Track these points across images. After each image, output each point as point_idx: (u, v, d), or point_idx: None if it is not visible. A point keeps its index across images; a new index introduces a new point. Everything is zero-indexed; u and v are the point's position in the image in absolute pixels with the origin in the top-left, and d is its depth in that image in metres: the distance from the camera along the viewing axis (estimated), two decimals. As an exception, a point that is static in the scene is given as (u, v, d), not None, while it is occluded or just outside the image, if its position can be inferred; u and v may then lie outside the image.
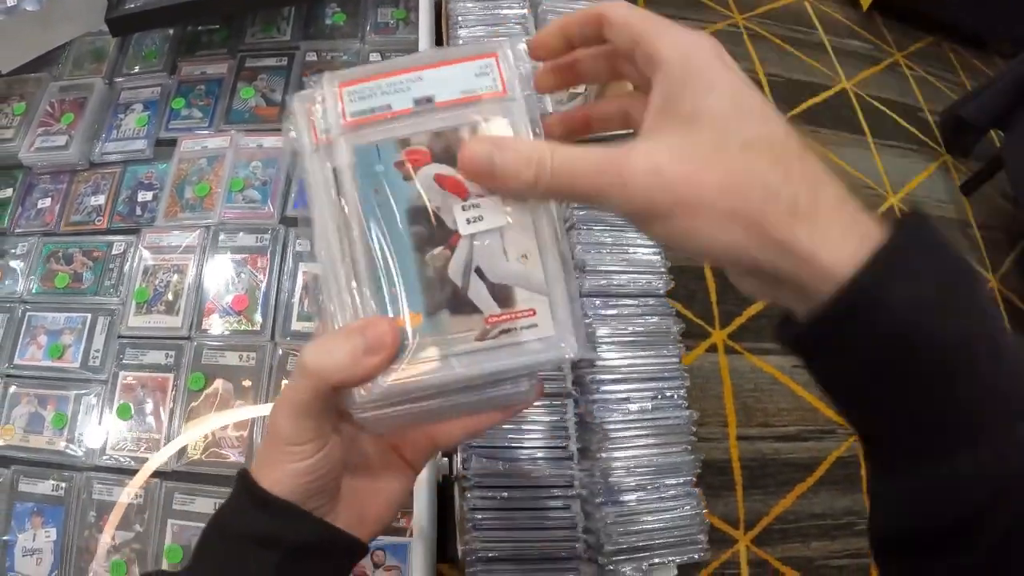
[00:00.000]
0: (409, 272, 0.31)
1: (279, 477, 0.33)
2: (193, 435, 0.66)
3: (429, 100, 0.33)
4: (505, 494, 0.59)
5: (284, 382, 0.69)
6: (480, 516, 0.58)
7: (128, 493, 0.65)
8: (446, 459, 0.63)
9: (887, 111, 2.01)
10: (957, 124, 1.88)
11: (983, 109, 1.78)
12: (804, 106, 1.93)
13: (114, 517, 0.64)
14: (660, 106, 0.28)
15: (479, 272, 0.32)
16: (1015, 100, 1.72)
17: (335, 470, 0.34)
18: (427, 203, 0.32)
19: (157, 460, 0.65)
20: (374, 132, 0.32)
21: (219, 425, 0.67)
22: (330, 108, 0.32)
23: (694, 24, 1.96)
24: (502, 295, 0.32)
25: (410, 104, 0.33)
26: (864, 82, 2.05)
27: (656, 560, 0.62)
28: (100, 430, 0.67)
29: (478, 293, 0.31)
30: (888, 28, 2.25)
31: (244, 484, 0.34)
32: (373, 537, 0.38)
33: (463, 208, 0.32)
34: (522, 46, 0.34)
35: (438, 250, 0.31)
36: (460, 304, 0.31)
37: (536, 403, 0.63)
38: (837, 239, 0.25)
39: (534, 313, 0.32)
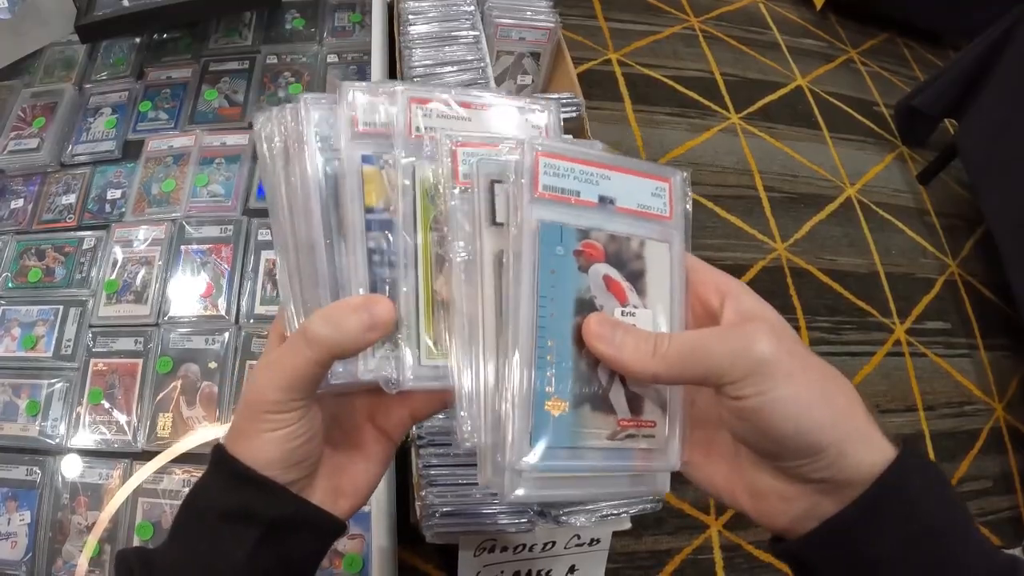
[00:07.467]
0: (565, 360, 0.32)
1: (258, 446, 0.33)
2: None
3: (612, 202, 0.34)
4: (458, 450, 0.62)
5: (250, 363, 0.72)
6: (434, 472, 0.61)
7: (100, 475, 0.68)
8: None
9: (842, 106, 2.06)
10: (911, 114, 1.93)
11: (936, 98, 1.84)
12: (760, 104, 1.97)
13: (87, 499, 0.67)
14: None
15: (622, 377, 0.33)
16: (967, 89, 1.77)
17: (314, 440, 0.34)
18: (593, 299, 0.33)
19: (140, 475, 0.68)
20: (559, 212, 0.32)
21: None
22: (526, 176, 0.32)
23: (651, 29, 2.05)
24: (635, 403, 0.34)
25: (595, 199, 0.34)
26: (819, 79, 2.11)
27: (606, 512, 0.65)
28: (72, 415, 0.70)
29: (617, 396, 0.33)
30: (842, 26, 2.31)
31: (219, 458, 0.34)
32: (353, 512, 0.38)
33: (621, 313, 0.33)
34: (686, 177, 0.37)
35: None
36: (601, 402, 0.33)
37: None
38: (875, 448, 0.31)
39: (655, 425, 0.34)
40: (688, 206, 0.37)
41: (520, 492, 0.31)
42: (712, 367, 0.30)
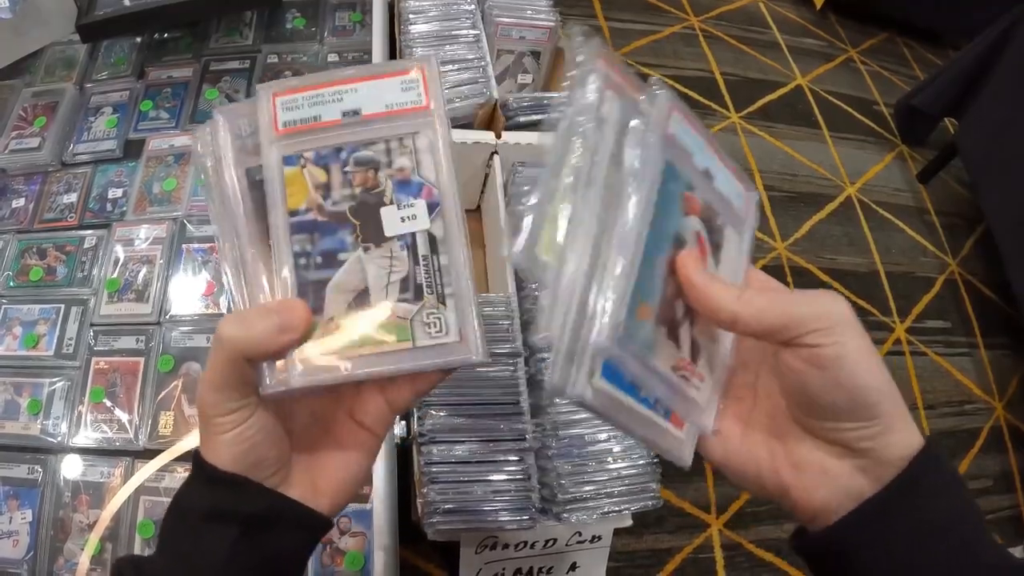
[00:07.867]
0: (657, 278, 0.33)
1: (214, 448, 0.33)
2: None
3: (711, 177, 0.37)
4: (459, 448, 0.62)
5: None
6: (436, 470, 0.61)
7: (102, 473, 0.68)
8: (403, 421, 0.66)
9: (842, 105, 2.07)
10: (911, 113, 1.93)
11: (936, 98, 1.84)
12: (760, 103, 1.98)
13: (88, 497, 0.67)
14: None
15: (691, 320, 0.35)
16: (967, 88, 1.77)
17: (267, 442, 0.34)
18: (687, 243, 0.35)
19: (142, 474, 0.68)
20: (680, 158, 0.34)
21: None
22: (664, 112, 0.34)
23: (651, 28, 2.05)
24: (694, 351, 0.36)
25: (703, 168, 0.36)
26: (819, 78, 2.11)
27: (608, 509, 0.65)
28: (74, 414, 0.70)
29: (685, 334, 0.35)
30: (842, 26, 2.32)
31: (196, 462, 0.35)
32: (337, 508, 0.38)
33: None
34: (759, 202, 0.41)
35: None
36: (673, 331, 0.34)
37: (490, 362, 0.66)
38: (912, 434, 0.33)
39: (703, 379, 0.36)
40: (754, 225, 0.41)
41: (587, 389, 0.31)
42: (795, 317, 0.32)
